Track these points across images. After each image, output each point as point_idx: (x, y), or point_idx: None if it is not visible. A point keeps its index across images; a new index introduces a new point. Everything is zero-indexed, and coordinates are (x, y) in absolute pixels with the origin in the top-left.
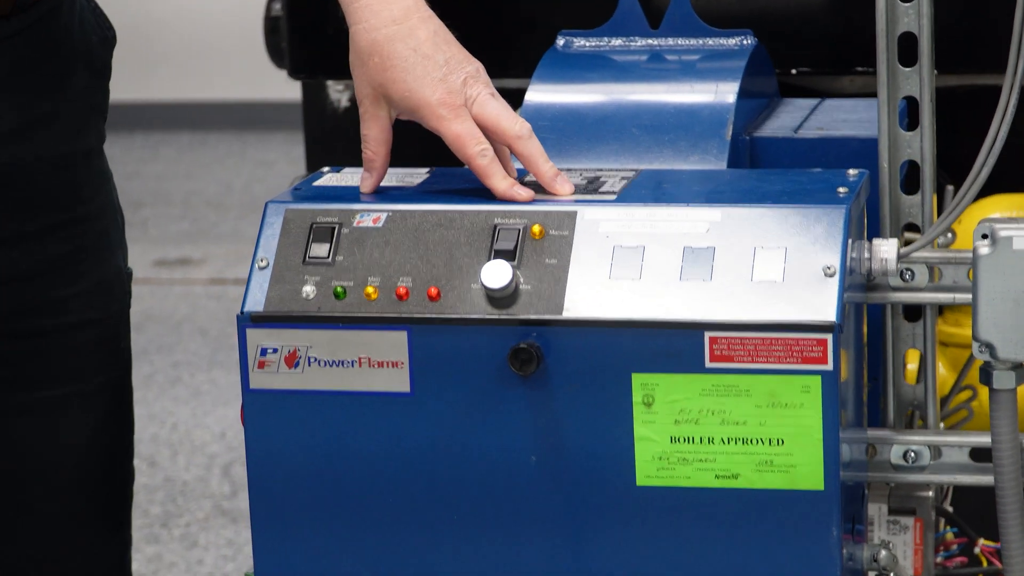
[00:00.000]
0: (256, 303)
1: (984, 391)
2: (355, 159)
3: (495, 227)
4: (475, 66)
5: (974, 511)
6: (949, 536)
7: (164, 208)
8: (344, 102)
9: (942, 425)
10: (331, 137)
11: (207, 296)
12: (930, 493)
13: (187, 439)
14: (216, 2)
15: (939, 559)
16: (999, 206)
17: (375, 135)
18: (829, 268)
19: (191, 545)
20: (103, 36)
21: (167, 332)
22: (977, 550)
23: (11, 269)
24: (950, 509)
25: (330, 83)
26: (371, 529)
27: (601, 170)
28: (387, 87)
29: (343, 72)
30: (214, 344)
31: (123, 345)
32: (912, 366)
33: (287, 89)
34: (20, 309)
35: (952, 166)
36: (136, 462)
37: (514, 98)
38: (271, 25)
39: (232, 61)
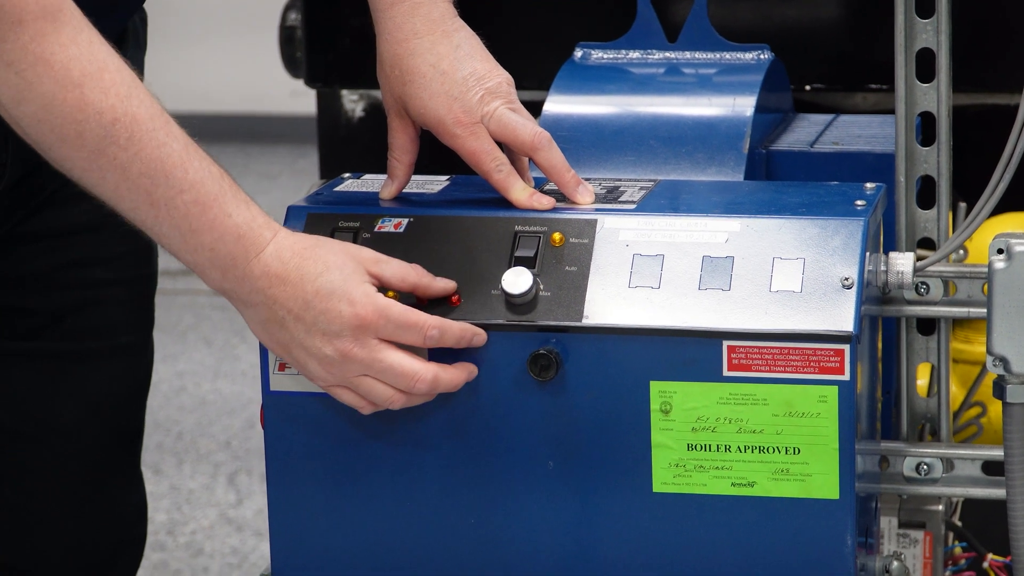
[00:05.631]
0: None
1: (994, 407)
2: (369, 168)
3: (516, 234)
4: (497, 80)
5: (982, 526)
6: (958, 551)
7: None
8: (358, 112)
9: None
10: (345, 146)
11: (211, 307)
12: (940, 507)
13: (192, 448)
14: (222, 12)
15: (948, 573)
16: (1011, 224)
17: (400, 143)
18: (847, 279)
19: (196, 552)
20: (142, 15)
21: (172, 342)
22: (986, 565)
23: (79, 219)
24: (959, 523)
25: (344, 92)
26: (388, 530)
27: (620, 180)
28: (405, 101)
29: (358, 81)
30: (219, 354)
31: (153, 302)
32: (923, 381)
33: (292, 102)
34: (81, 260)
35: (962, 184)
36: (141, 470)
37: (532, 109)
38: (287, 35)
39: (236, 73)
